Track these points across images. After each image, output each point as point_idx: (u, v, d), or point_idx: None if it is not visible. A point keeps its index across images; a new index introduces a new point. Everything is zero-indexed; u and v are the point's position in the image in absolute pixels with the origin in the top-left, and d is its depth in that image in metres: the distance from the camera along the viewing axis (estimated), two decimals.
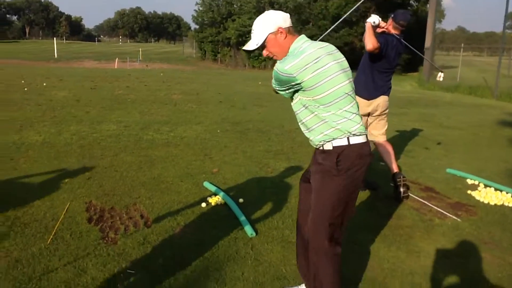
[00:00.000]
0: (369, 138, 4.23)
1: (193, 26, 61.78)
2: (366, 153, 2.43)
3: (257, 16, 2.55)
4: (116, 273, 2.98)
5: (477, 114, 12.05)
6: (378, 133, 4.91)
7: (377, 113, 4.80)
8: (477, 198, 4.81)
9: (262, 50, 2.49)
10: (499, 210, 4.50)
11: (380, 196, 4.78)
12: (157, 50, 60.08)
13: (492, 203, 4.66)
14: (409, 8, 40.41)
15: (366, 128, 4.40)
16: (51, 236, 3.38)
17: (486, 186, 5.18)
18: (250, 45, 2.47)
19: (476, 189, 5.06)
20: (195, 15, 46.41)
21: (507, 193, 4.90)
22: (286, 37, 2.40)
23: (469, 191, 5.02)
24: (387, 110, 4.89)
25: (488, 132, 9.34)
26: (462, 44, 30.43)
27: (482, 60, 45.13)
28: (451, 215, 4.28)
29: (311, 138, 2.51)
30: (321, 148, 2.45)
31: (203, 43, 45.42)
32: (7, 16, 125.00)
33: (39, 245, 3.29)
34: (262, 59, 39.81)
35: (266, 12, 2.46)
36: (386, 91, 4.80)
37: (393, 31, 4.70)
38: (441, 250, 3.60)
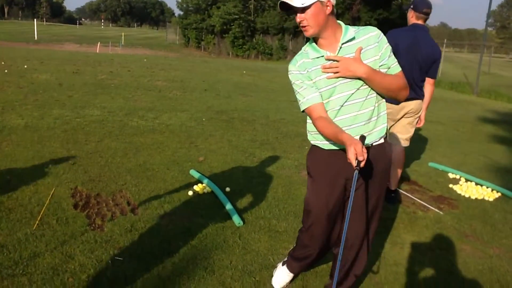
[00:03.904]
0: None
1: (177, 12, 61.17)
2: None
3: (242, 4, 2.41)
4: (104, 259, 2.98)
5: (458, 110, 12.25)
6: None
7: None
8: (459, 192, 4.92)
9: (298, 13, 2.18)
10: (480, 204, 4.62)
11: None
12: (140, 35, 59.30)
13: (473, 197, 4.78)
14: (394, 2, 40.66)
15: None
16: (37, 222, 3.35)
17: (467, 180, 5.30)
18: (295, 1, 2.14)
19: (458, 183, 5.18)
20: (180, 1, 45.90)
21: (487, 187, 5.02)
22: (330, 13, 2.19)
23: (450, 185, 5.13)
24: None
25: (468, 127, 9.52)
26: (445, 40, 30.72)
27: (463, 57, 45.77)
28: (433, 208, 4.37)
29: (372, 130, 2.32)
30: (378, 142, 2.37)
31: (187, 29, 44.93)
32: None
33: (25, 230, 3.26)
34: (246, 48, 39.66)
35: None
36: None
37: (416, 21, 4.18)
38: (424, 242, 3.68)
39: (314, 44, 2.29)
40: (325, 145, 2.37)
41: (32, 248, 3.03)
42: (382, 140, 2.36)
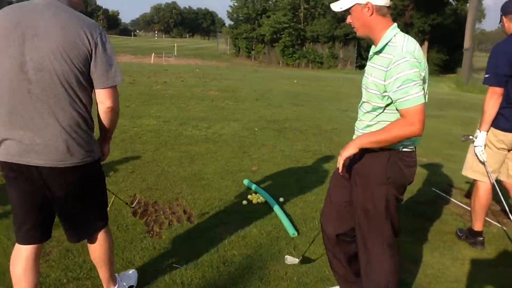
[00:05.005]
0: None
1: (228, 22, 62.21)
2: None
3: (291, 12, 2.44)
4: (163, 266, 3.06)
5: None
6: None
7: None
8: None
9: (348, 15, 2.28)
10: None
11: (421, 199, 4.72)
12: (192, 46, 60.64)
13: None
14: (448, 6, 39.57)
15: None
16: None
17: None
18: (336, 6, 2.26)
19: None
20: (230, 11, 46.63)
21: None
22: (372, 14, 2.18)
23: None
24: None
25: None
26: None
27: None
28: (496, 223, 4.19)
29: None
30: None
31: (238, 39, 45.55)
32: None
33: None
34: (296, 57, 39.69)
35: None
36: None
37: None
38: (486, 258, 3.53)
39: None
40: None
41: None
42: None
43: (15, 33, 1.96)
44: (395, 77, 2.08)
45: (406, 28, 36.67)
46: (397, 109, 2.17)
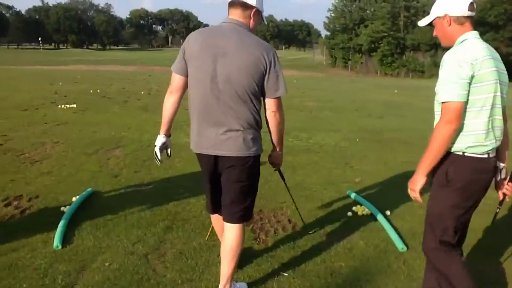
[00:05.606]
0: None
1: (324, 33, 62.07)
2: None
3: (391, 21, 2.53)
4: (270, 273, 3.10)
5: None
6: None
7: None
8: None
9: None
10: None
11: None
12: (288, 57, 61.34)
13: None
14: None
15: None
16: (209, 233, 3.62)
17: None
18: (421, 21, 2.45)
19: None
20: (327, 21, 46.56)
21: None
22: (450, 25, 2.28)
23: None
24: None
25: None
26: None
27: None
28: None
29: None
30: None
31: (334, 50, 45.29)
32: (153, 26, 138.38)
33: (199, 240, 3.55)
34: (395, 66, 38.55)
35: None
36: None
37: None
38: None
39: None
40: None
41: (206, 256, 3.29)
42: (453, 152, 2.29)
43: (208, 52, 2.45)
44: (441, 71, 2.23)
45: None
46: None
